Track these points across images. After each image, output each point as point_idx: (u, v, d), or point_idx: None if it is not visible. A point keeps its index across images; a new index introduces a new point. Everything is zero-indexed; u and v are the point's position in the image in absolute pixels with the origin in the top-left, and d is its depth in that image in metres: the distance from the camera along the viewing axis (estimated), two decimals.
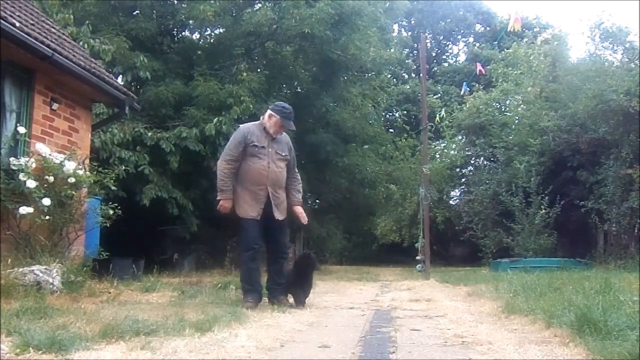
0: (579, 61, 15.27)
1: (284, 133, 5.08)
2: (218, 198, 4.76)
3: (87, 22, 9.81)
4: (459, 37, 34.12)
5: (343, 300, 5.64)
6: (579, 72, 13.29)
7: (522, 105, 17.31)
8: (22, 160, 5.53)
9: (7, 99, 5.92)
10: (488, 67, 19.17)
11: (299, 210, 5.03)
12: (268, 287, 4.88)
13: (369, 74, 16.00)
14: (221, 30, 13.46)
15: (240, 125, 5.14)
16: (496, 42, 21.25)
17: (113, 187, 6.92)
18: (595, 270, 8.28)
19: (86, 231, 6.44)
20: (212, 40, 13.78)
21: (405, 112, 26.41)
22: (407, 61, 28.74)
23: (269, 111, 4.91)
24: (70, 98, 6.81)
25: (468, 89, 17.65)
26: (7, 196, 5.33)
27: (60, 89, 6.59)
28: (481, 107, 17.91)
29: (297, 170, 5.15)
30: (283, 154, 4.90)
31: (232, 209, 4.76)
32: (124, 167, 8.88)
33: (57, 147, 6.34)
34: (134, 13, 12.23)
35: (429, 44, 29.85)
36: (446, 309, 4.75)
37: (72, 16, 9.37)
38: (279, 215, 4.82)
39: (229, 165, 4.74)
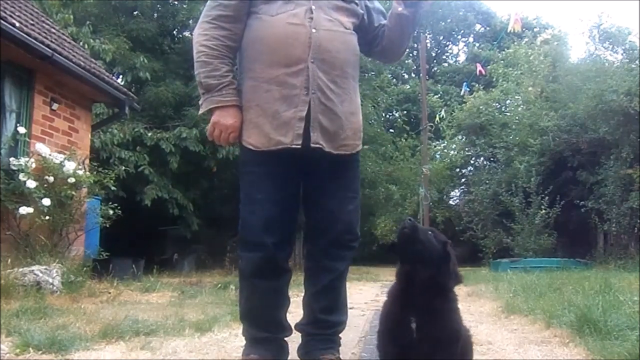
0: (579, 61, 15.28)
1: None
2: (203, 107, 2.16)
3: (87, 22, 9.82)
4: (459, 37, 34.11)
5: None
6: (579, 72, 13.28)
7: (522, 105, 17.29)
8: (22, 160, 5.54)
9: (7, 99, 5.94)
10: (488, 67, 19.17)
11: None
12: (302, 331, 2.16)
13: (369, 74, 16.00)
14: None
15: None
16: (496, 42, 21.26)
17: (113, 187, 6.95)
18: (595, 270, 8.26)
19: (86, 231, 6.46)
20: None
21: (405, 112, 26.43)
22: (407, 61, 28.72)
23: None
24: (70, 98, 6.82)
25: (468, 89, 17.66)
26: (7, 196, 5.34)
27: (60, 89, 6.59)
28: (481, 107, 17.89)
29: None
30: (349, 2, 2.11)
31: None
32: (124, 168, 8.93)
33: (57, 147, 6.35)
34: (135, 13, 12.26)
35: (429, 44, 29.85)
36: None
37: (72, 16, 9.40)
38: (335, 141, 2.02)
39: (218, 32, 2.02)
